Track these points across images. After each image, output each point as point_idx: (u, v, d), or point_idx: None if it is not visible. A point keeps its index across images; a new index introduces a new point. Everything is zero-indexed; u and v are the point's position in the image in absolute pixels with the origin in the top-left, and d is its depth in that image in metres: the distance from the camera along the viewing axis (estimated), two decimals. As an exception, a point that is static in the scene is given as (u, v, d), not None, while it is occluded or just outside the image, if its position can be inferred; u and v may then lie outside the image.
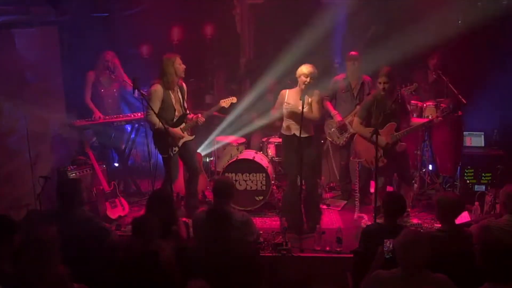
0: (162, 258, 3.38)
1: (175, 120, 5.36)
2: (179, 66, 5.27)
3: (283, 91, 5.35)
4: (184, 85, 5.50)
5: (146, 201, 4.35)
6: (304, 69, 5.13)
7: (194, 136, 5.58)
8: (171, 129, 5.25)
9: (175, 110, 5.33)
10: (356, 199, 5.80)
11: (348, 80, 6.07)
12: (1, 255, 3.28)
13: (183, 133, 5.41)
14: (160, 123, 5.06)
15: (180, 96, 5.42)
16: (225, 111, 6.72)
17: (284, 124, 5.33)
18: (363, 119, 5.43)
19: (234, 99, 5.63)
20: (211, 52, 7.75)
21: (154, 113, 5.01)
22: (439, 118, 5.44)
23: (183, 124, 5.42)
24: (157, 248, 3.42)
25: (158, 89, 5.20)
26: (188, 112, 5.49)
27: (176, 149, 5.37)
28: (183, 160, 5.63)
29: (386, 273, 3.14)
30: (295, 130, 5.15)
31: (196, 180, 5.68)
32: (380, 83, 5.26)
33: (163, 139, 5.19)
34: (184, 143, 5.45)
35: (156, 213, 3.93)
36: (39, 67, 5.86)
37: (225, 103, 5.60)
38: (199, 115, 5.47)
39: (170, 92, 5.29)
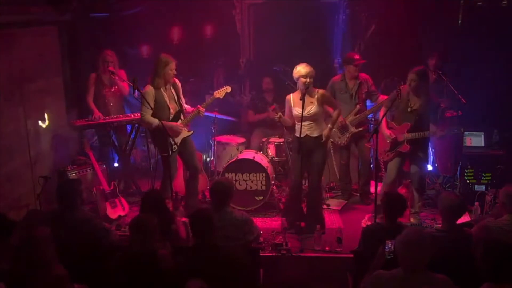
0: (161, 258, 3.37)
1: (171, 117, 5.37)
2: (170, 72, 5.25)
3: (288, 96, 5.33)
4: (177, 81, 5.49)
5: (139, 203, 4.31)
6: (302, 70, 5.11)
7: (192, 131, 5.58)
8: (170, 122, 5.25)
9: (169, 108, 5.35)
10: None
11: (346, 81, 6.07)
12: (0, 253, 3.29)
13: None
14: (156, 121, 5.11)
15: (174, 93, 5.43)
16: (225, 111, 6.77)
17: (296, 127, 5.32)
18: (388, 109, 5.42)
19: (228, 89, 5.60)
20: (211, 52, 7.75)
21: (151, 109, 5.05)
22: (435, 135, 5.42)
23: (180, 120, 5.43)
24: (155, 248, 3.41)
25: (149, 90, 5.22)
26: (184, 108, 5.50)
27: (176, 146, 5.37)
28: (183, 158, 5.63)
29: (386, 273, 3.14)
30: (307, 131, 5.17)
31: (196, 179, 5.68)
32: (408, 79, 5.23)
33: (162, 138, 5.20)
34: (183, 140, 5.45)
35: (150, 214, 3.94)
36: (39, 67, 5.86)
37: (219, 93, 5.57)
38: (199, 106, 5.47)
39: (161, 90, 5.30)
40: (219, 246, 3.48)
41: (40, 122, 5.83)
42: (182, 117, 5.46)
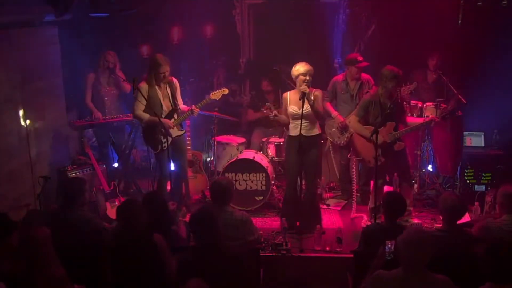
0: (153, 242, 3.39)
1: (164, 115, 5.40)
2: (159, 74, 5.29)
3: (285, 94, 5.33)
4: (174, 80, 5.53)
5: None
6: (301, 68, 5.10)
7: (184, 131, 5.60)
8: (162, 119, 5.30)
9: (162, 105, 5.38)
10: (353, 199, 5.83)
11: (347, 81, 6.07)
12: (0, 253, 3.28)
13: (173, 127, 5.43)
14: (147, 117, 5.23)
15: (169, 92, 5.45)
16: (225, 111, 6.76)
17: (291, 126, 5.32)
18: (361, 117, 5.44)
19: (225, 91, 5.61)
20: (211, 52, 7.75)
21: (144, 103, 5.18)
22: (437, 119, 5.44)
23: (173, 119, 5.44)
24: (145, 233, 3.42)
25: (142, 86, 5.30)
26: (178, 107, 5.51)
27: (166, 145, 5.37)
28: (173, 157, 5.61)
29: (386, 273, 3.13)
30: (303, 130, 5.14)
31: (183, 179, 5.72)
32: (391, 85, 5.25)
33: (153, 135, 5.32)
34: (174, 139, 5.44)
35: (150, 216, 3.94)
36: (39, 67, 5.86)
37: (215, 95, 5.58)
38: (193, 106, 5.48)
39: (156, 88, 5.35)
40: (219, 246, 3.47)
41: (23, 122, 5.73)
42: (175, 116, 5.48)
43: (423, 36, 6.86)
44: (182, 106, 5.59)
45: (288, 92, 5.31)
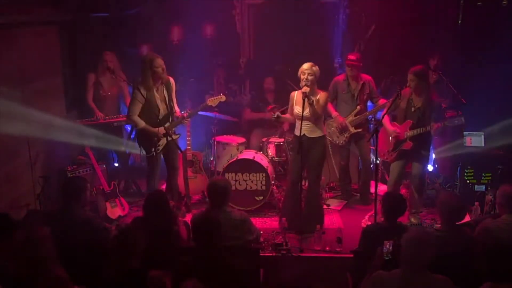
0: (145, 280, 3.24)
1: (160, 118, 5.27)
2: (157, 69, 5.12)
3: (292, 93, 5.31)
4: (171, 79, 5.38)
5: (142, 205, 4.23)
6: (303, 66, 5.11)
7: (179, 135, 5.57)
8: (152, 129, 5.24)
9: (159, 109, 5.27)
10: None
11: (348, 81, 6.06)
12: (1, 253, 3.28)
13: (169, 132, 5.34)
14: (142, 125, 5.18)
15: (166, 94, 5.32)
16: (225, 111, 6.76)
17: (296, 125, 5.31)
18: (389, 108, 5.42)
19: (222, 98, 5.55)
20: (211, 52, 7.75)
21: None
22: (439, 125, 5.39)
23: (168, 123, 5.36)
24: (138, 269, 3.28)
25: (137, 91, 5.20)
26: (174, 110, 5.44)
27: (159, 148, 5.35)
28: (165, 159, 5.56)
29: (386, 273, 3.14)
30: (305, 131, 5.15)
31: (175, 179, 5.67)
32: (407, 80, 5.26)
33: (147, 138, 5.27)
34: (168, 142, 5.34)
35: (153, 217, 3.93)
36: (39, 67, 5.86)
37: (212, 101, 5.54)
38: (185, 114, 5.45)
39: (154, 91, 5.22)
40: (220, 249, 3.46)
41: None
42: (170, 120, 5.40)
43: (423, 36, 6.86)
44: (176, 107, 5.48)
45: (296, 92, 5.29)
